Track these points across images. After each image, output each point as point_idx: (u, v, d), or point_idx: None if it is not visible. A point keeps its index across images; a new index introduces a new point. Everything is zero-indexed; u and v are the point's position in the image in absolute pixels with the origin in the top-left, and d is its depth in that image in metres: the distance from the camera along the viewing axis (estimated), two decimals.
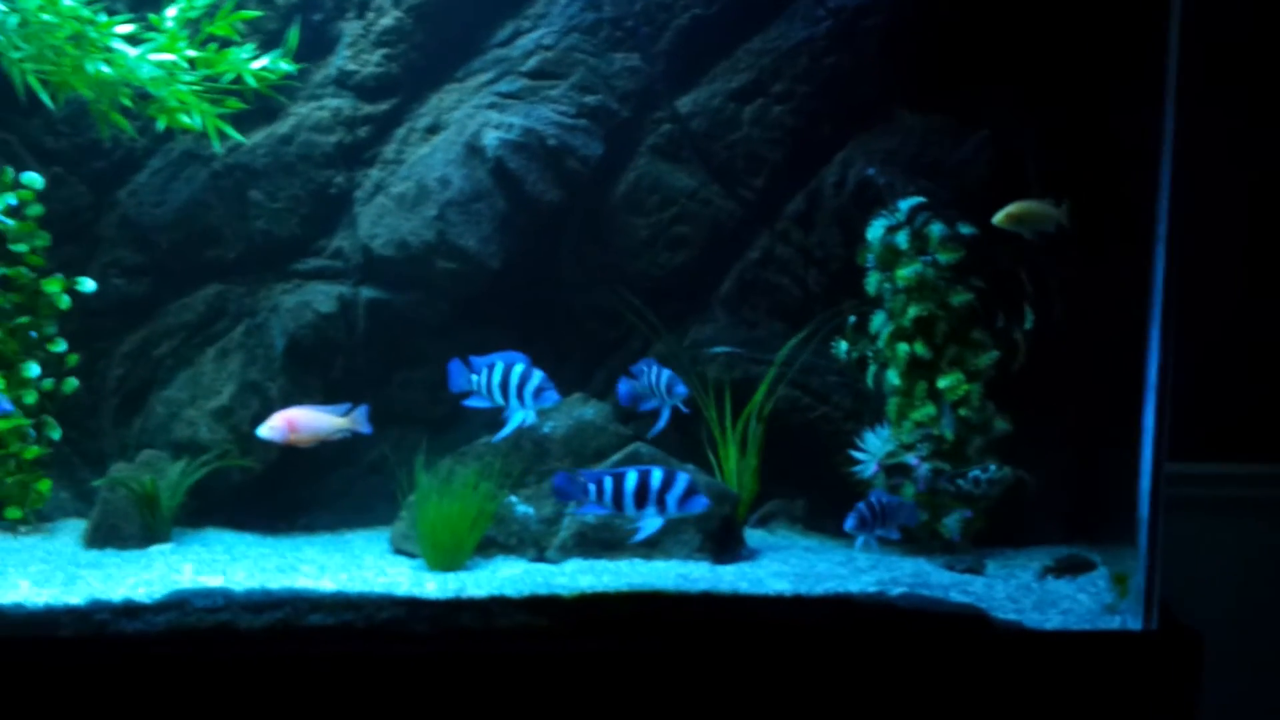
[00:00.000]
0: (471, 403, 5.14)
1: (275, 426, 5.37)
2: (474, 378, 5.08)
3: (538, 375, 5.05)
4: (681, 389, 5.16)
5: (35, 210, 5.89)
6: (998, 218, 5.58)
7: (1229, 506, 5.88)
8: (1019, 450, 5.73)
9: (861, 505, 5.16)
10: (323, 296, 6.09)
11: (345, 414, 5.42)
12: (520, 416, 5.07)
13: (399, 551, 5.66)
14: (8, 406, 5.32)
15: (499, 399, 5.06)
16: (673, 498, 4.78)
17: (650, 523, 4.87)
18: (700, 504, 4.80)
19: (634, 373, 5.23)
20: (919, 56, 5.98)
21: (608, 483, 4.77)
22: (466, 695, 4.58)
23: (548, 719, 4.62)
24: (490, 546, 5.57)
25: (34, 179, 5.88)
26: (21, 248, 5.87)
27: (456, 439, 5.74)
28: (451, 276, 6.01)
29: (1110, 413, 5.30)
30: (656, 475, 4.78)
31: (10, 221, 5.84)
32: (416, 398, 6.08)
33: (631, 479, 4.78)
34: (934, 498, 5.63)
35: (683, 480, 4.80)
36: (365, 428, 5.44)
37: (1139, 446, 4.68)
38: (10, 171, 5.87)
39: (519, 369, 5.05)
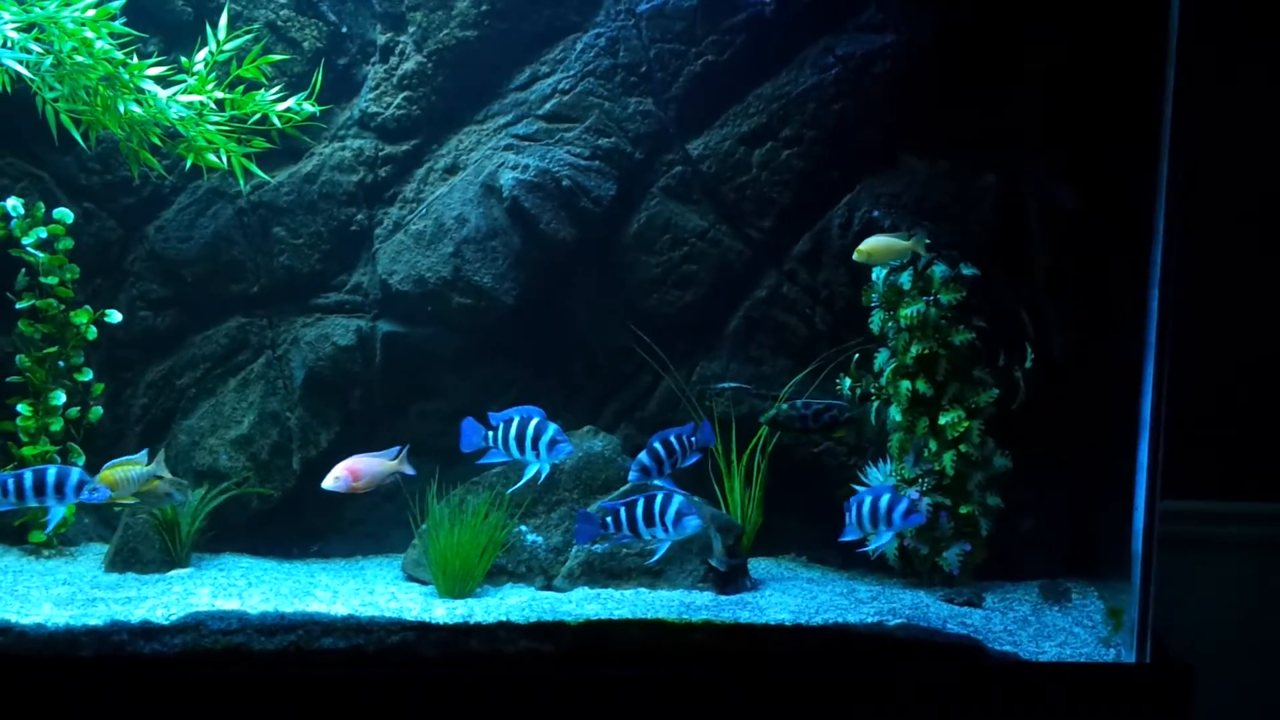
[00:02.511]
0: (488, 459, 5.26)
1: (339, 477, 5.51)
2: (489, 433, 5.17)
3: (551, 428, 5.14)
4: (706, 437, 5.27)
5: (65, 244, 6.06)
6: (855, 257, 5.78)
7: (1222, 544, 5.93)
8: (1019, 486, 5.82)
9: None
10: (341, 330, 6.23)
11: (395, 458, 5.57)
12: (535, 468, 5.18)
13: (411, 578, 5.78)
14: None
15: (515, 453, 5.17)
16: (669, 519, 4.93)
17: (662, 545, 5.04)
18: (692, 525, 4.94)
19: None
20: (925, 103, 6.07)
21: (623, 512, 4.94)
22: (474, 718, 4.68)
23: None
24: (500, 574, 5.71)
25: (65, 214, 6.06)
26: (52, 280, 6.03)
27: (469, 469, 5.81)
28: (467, 312, 6.13)
29: (1108, 450, 5.38)
30: (657, 499, 4.94)
31: (41, 255, 6.00)
32: (431, 429, 6.17)
33: (639, 505, 4.94)
34: (933, 530, 5.71)
35: (676, 501, 4.94)
36: (410, 470, 5.59)
37: (1134, 482, 4.77)
38: (42, 207, 6.05)
39: (534, 422, 5.14)
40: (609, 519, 4.95)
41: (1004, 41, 6.01)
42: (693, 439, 5.20)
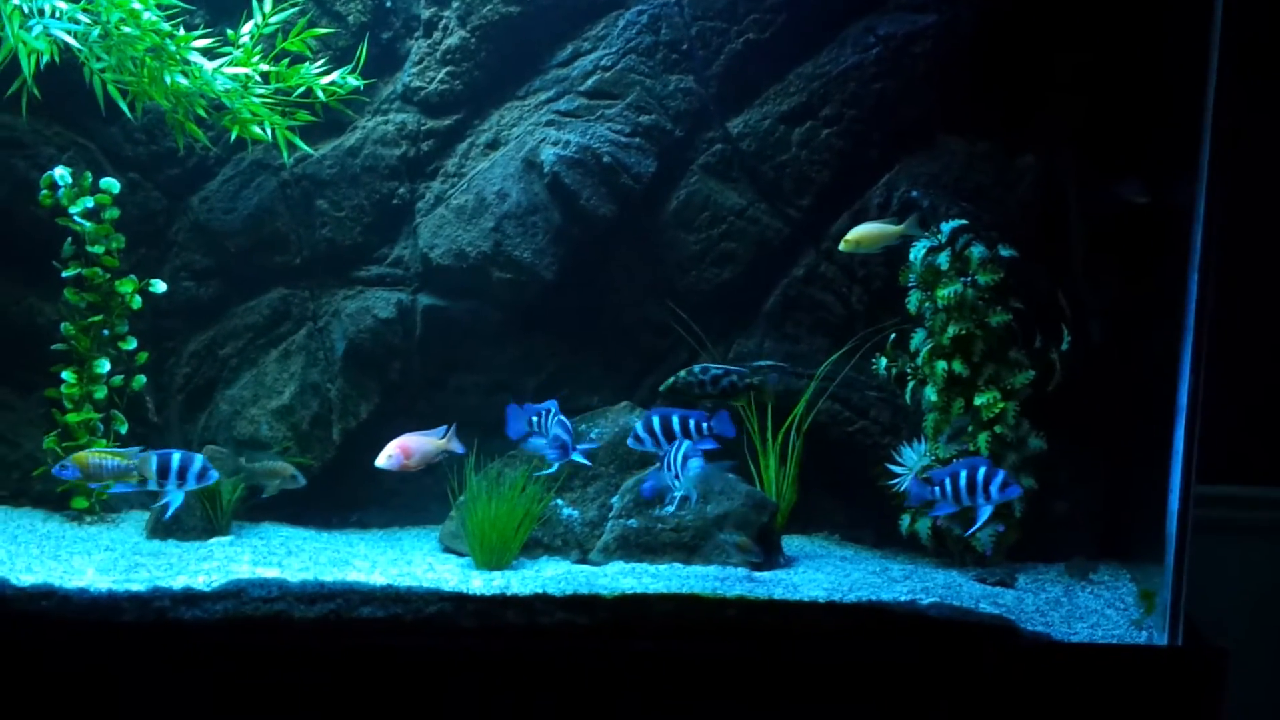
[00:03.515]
0: (531, 444, 5.34)
1: (391, 455, 5.58)
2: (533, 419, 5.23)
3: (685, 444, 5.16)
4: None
5: (112, 214, 6.11)
6: (841, 247, 5.85)
7: (1255, 529, 5.94)
8: (1053, 468, 5.83)
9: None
10: (382, 303, 6.28)
11: (444, 436, 5.63)
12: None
13: (448, 550, 5.84)
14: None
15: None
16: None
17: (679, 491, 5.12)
18: (695, 467, 5.03)
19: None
20: (966, 83, 6.07)
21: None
22: (508, 688, 4.73)
23: (585, 715, 4.76)
24: (535, 547, 5.76)
25: (111, 184, 6.11)
26: (98, 249, 6.09)
27: (506, 442, 5.85)
28: (506, 286, 6.17)
29: (1143, 433, 5.39)
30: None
31: (88, 224, 6.06)
32: (469, 402, 6.24)
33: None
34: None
35: (684, 445, 5.07)
36: (459, 448, 5.65)
37: (1169, 466, 4.78)
38: (89, 176, 6.11)
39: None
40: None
41: (1045, 23, 6.01)
42: (707, 424, 5.22)
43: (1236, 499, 5.86)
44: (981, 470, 5.10)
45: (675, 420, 5.22)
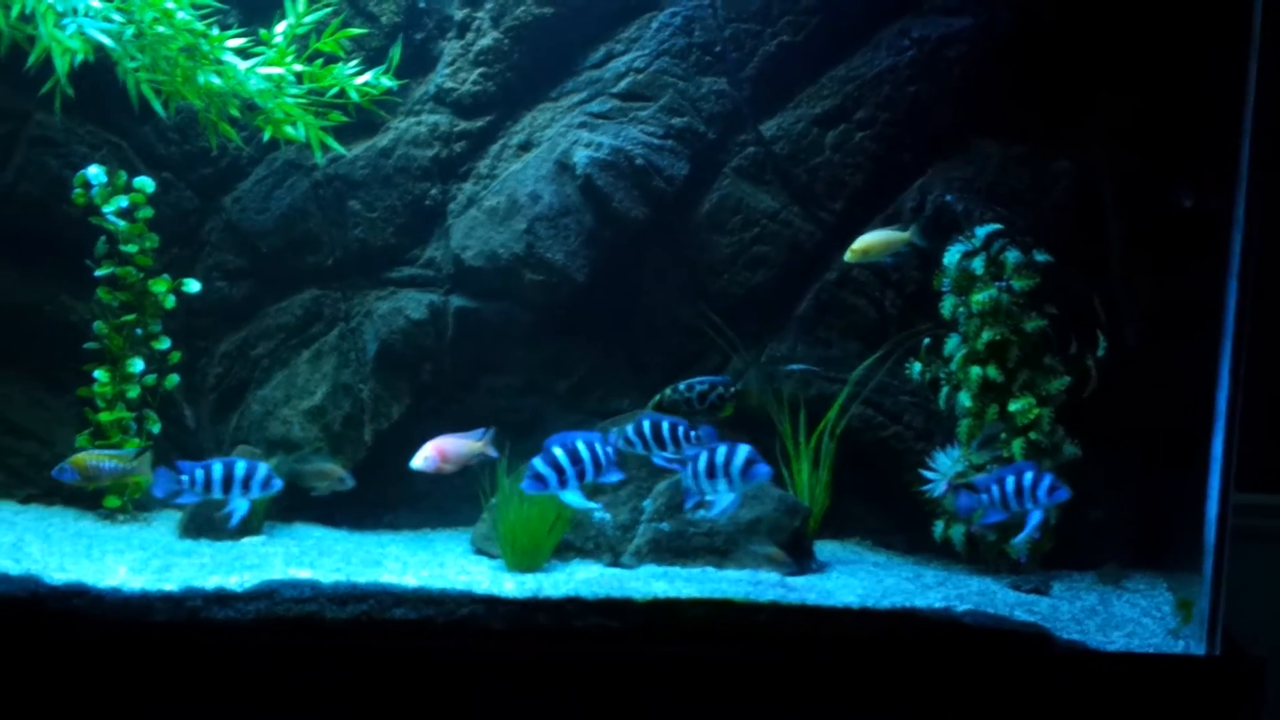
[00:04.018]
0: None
1: (427, 457, 5.57)
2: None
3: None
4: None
5: (145, 213, 6.12)
6: (847, 257, 5.83)
7: None
8: (1087, 475, 5.78)
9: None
10: (414, 304, 6.28)
11: (481, 439, 5.63)
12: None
13: (479, 552, 5.83)
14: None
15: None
16: (735, 470, 4.95)
17: (723, 498, 5.02)
18: (762, 472, 4.95)
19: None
20: (1000, 86, 6.05)
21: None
22: (540, 691, 4.72)
23: (618, 717, 4.75)
24: (567, 550, 5.74)
25: (145, 183, 6.12)
26: (131, 248, 6.11)
27: (538, 444, 5.84)
28: (538, 288, 6.17)
29: (1179, 440, 5.35)
30: (721, 451, 4.96)
31: (121, 223, 6.07)
32: (501, 403, 6.24)
33: (701, 460, 4.97)
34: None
35: (743, 450, 4.96)
36: (495, 452, 5.65)
37: (1207, 474, 4.75)
38: (123, 175, 6.12)
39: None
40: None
41: (1081, 26, 5.98)
42: (694, 434, 5.22)
43: (1274, 508, 5.80)
44: (1029, 475, 5.09)
45: (665, 427, 5.23)
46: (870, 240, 5.85)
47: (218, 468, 5.27)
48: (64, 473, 5.61)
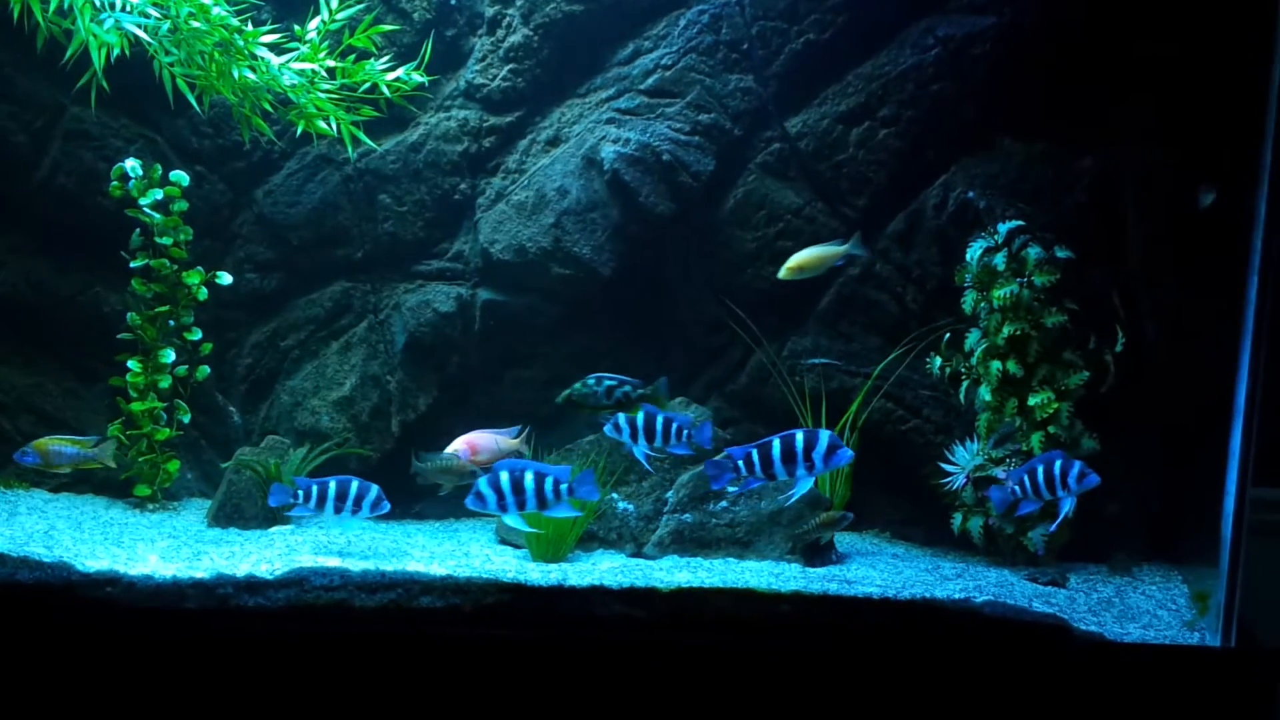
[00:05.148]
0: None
1: (457, 450, 5.66)
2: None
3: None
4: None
5: (180, 206, 6.19)
6: (782, 273, 5.88)
7: None
8: (1104, 469, 5.78)
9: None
10: (442, 297, 6.36)
11: (516, 437, 5.70)
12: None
13: (504, 542, 5.90)
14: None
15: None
16: (818, 454, 4.99)
17: (804, 483, 5.08)
18: (846, 456, 5.01)
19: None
20: (1024, 85, 6.08)
21: (755, 454, 5.01)
22: (566, 679, 4.78)
23: (642, 705, 4.80)
24: (591, 540, 5.82)
25: (181, 177, 6.20)
26: (166, 240, 6.18)
27: (563, 436, 5.96)
28: (565, 282, 6.24)
29: (1196, 435, 5.39)
30: (799, 437, 5.00)
31: (157, 215, 6.15)
32: (526, 395, 6.31)
33: (776, 446, 5.00)
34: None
35: (825, 436, 5.01)
36: (528, 452, 5.74)
37: (1225, 469, 4.78)
38: (159, 169, 6.19)
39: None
40: (741, 461, 5.03)
41: (1104, 26, 6.00)
42: (688, 432, 5.31)
43: None
44: (1058, 463, 5.17)
45: (659, 421, 5.31)
46: (805, 256, 5.90)
47: (332, 485, 5.41)
48: (25, 456, 5.72)
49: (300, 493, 5.41)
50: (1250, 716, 4.71)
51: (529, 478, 5.04)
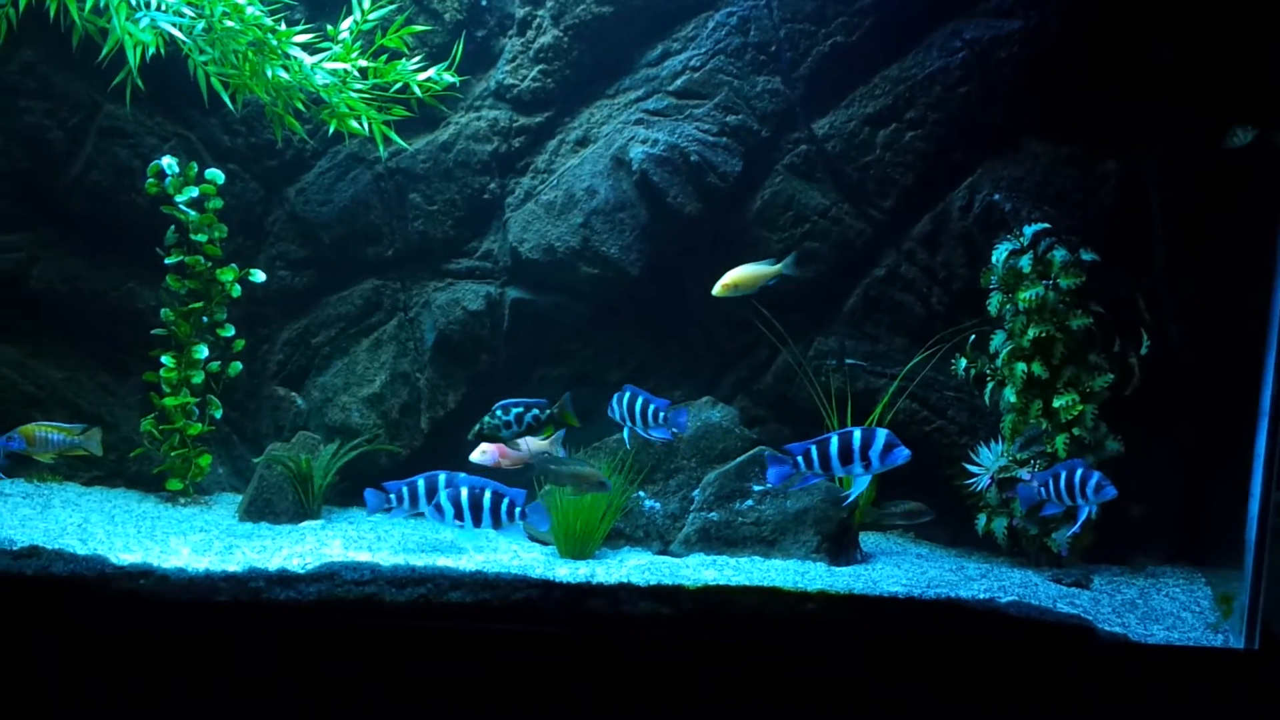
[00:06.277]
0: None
1: (486, 451, 5.72)
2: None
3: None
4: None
5: (215, 204, 6.25)
6: (716, 290, 5.91)
7: None
8: (1128, 471, 5.81)
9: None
10: (472, 295, 6.40)
11: (547, 439, 5.75)
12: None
13: (532, 538, 5.93)
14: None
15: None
16: (875, 452, 5.04)
17: (861, 481, 5.17)
18: (903, 455, 5.04)
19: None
20: (1050, 88, 6.11)
21: (814, 451, 5.06)
22: (593, 674, 4.78)
23: (669, 700, 4.81)
24: (618, 538, 5.86)
25: (216, 175, 6.26)
26: (201, 238, 6.24)
27: (590, 434, 5.99)
28: (593, 281, 6.28)
29: (1220, 438, 5.41)
30: (856, 435, 5.05)
31: (193, 213, 6.21)
32: (554, 393, 6.25)
33: (834, 442, 5.05)
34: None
35: (882, 435, 5.05)
36: (563, 452, 5.78)
37: (1249, 471, 4.79)
38: (194, 166, 6.25)
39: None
40: (800, 458, 5.07)
41: (1130, 30, 6.02)
42: (664, 415, 5.45)
43: None
44: (1079, 472, 5.23)
45: (640, 402, 5.47)
46: (739, 275, 5.93)
47: (420, 483, 5.48)
48: (12, 441, 5.79)
49: (394, 496, 5.50)
50: (1274, 718, 4.70)
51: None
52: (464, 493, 5.22)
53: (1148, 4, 5.99)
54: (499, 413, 5.70)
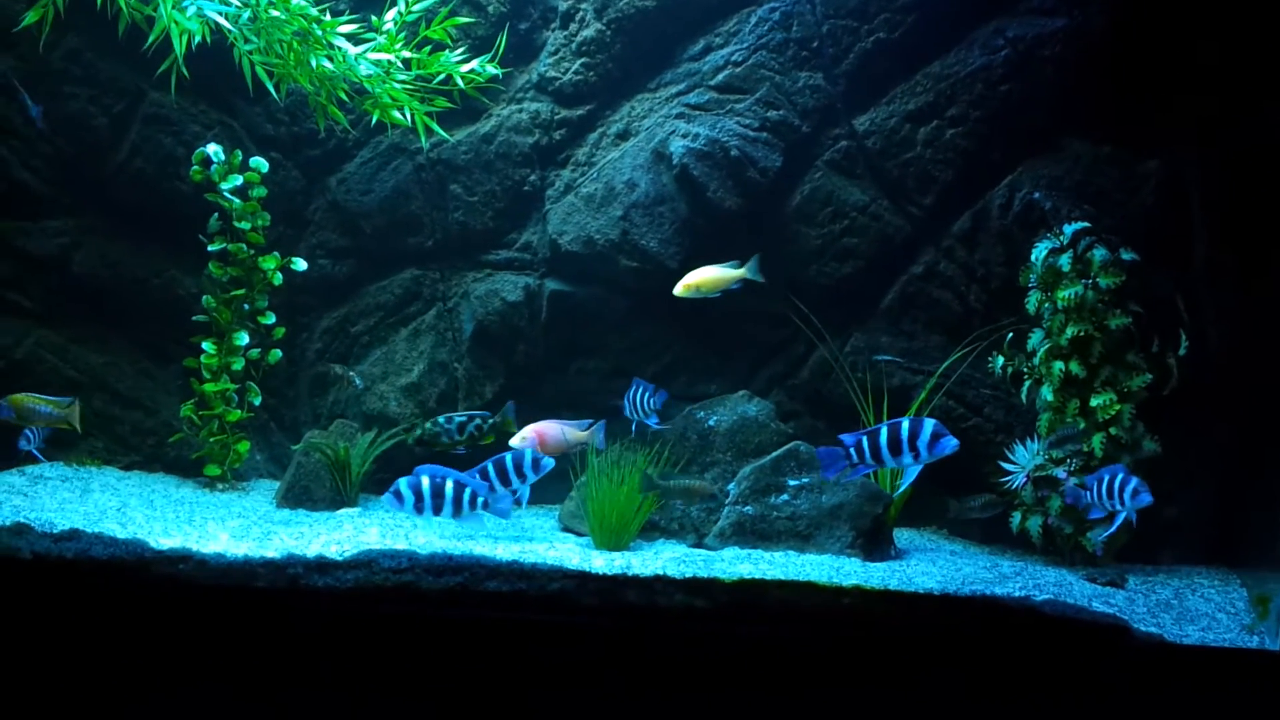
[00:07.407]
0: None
1: (526, 438, 5.75)
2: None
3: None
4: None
5: (259, 192, 6.31)
6: (678, 290, 5.91)
7: None
8: (1165, 472, 5.81)
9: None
10: (510, 286, 6.43)
11: (586, 429, 5.78)
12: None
13: (567, 529, 5.97)
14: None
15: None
16: (922, 443, 5.07)
17: (912, 471, 5.22)
18: (951, 445, 5.07)
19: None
20: (1092, 88, 6.10)
21: (865, 441, 5.08)
22: (627, 666, 4.79)
23: (704, 693, 4.84)
24: (652, 530, 5.87)
25: (260, 163, 6.31)
26: (244, 225, 6.29)
27: (626, 425, 6.00)
28: (632, 274, 6.30)
29: (1257, 440, 5.39)
30: (904, 425, 5.07)
31: (237, 200, 6.26)
32: (591, 385, 6.39)
33: (883, 433, 5.08)
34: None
35: (929, 425, 5.08)
36: (601, 443, 5.80)
37: None
38: (239, 154, 6.30)
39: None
40: (853, 449, 5.09)
41: (1174, 30, 6.00)
42: (652, 399, 5.64)
43: None
44: (1120, 476, 5.26)
45: (640, 392, 5.70)
46: (702, 276, 5.93)
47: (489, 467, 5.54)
48: (1, 410, 5.84)
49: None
50: None
51: (449, 486, 5.36)
52: (425, 481, 5.31)
53: (1191, 4, 5.96)
54: (441, 420, 5.91)
